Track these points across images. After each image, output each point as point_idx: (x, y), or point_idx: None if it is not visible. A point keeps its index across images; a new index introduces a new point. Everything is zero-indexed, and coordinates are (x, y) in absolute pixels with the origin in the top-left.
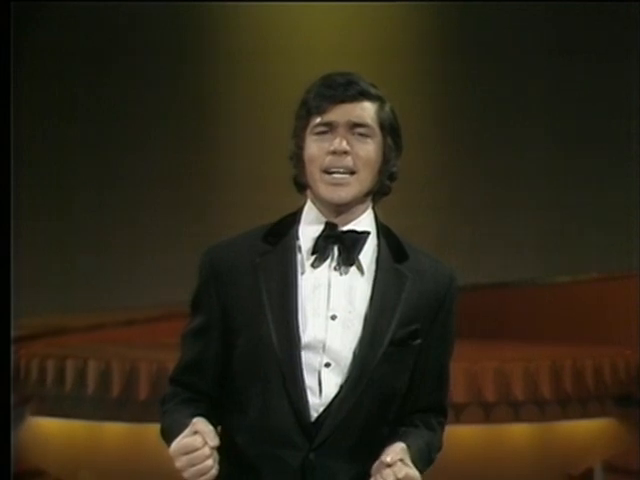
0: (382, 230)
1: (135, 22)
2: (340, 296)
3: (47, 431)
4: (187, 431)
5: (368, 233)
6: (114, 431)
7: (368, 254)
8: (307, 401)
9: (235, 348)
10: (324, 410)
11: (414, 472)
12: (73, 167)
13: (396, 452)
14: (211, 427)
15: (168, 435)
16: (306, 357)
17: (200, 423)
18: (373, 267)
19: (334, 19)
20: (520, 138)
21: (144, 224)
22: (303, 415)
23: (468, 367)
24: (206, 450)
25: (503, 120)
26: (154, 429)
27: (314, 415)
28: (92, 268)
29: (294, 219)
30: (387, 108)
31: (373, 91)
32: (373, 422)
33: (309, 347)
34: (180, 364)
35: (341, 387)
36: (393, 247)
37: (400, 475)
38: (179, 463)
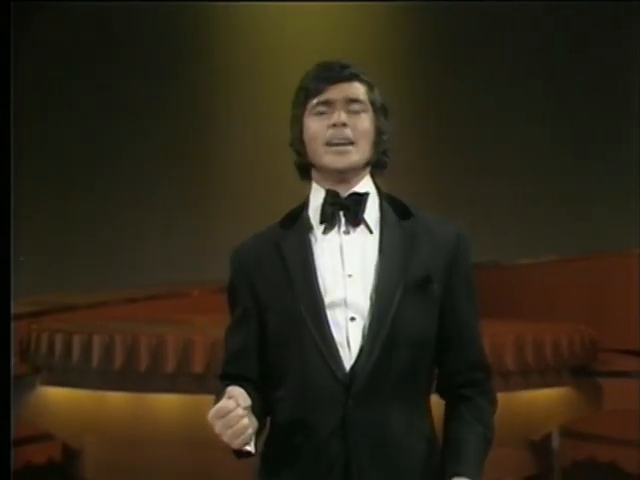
0: (384, 194)
1: (134, 22)
2: (353, 256)
3: (55, 399)
4: (223, 398)
5: (368, 193)
6: (116, 400)
7: (372, 214)
8: (339, 355)
9: (270, 323)
10: (355, 361)
11: None
12: (74, 157)
13: None
14: (243, 391)
15: None
16: (332, 315)
17: (233, 389)
18: (379, 225)
19: (327, 19)
20: (497, 129)
21: (144, 210)
22: (337, 368)
23: None
24: (239, 411)
25: (484, 112)
26: (154, 398)
27: (347, 367)
28: (94, 250)
29: (304, 205)
30: (376, 91)
31: (363, 76)
32: (406, 369)
33: (333, 305)
34: (225, 357)
35: (364, 336)
36: (396, 207)
37: None
38: (217, 428)
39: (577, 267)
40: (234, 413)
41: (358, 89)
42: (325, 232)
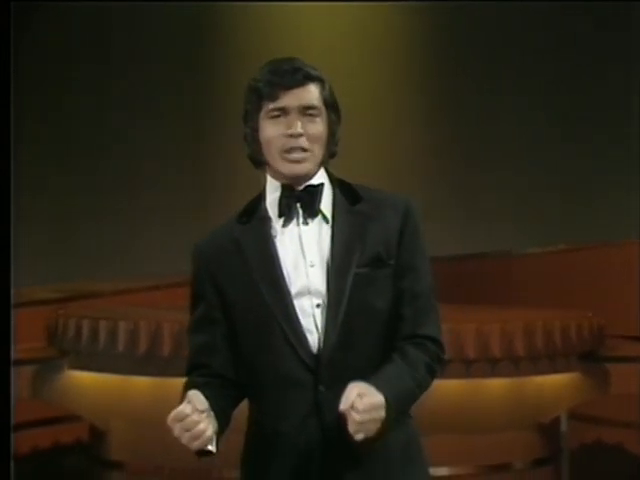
0: (336, 181)
1: (135, 22)
2: (312, 246)
3: (82, 383)
4: (183, 403)
5: (322, 184)
6: (141, 383)
7: (327, 204)
8: (307, 342)
9: (237, 319)
10: (320, 348)
11: (374, 399)
12: (75, 155)
13: (348, 397)
14: (202, 397)
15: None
16: (298, 304)
17: (192, 394)
18: (331, 213)
19: (334, 20)
20: (505, 125)
21: (159, 200)
22: (305, 356)
23: (451, 327)
24: (195, 416)
25: (494, 108)
26: (176, 382)
27: (315, 352)
28: (112, 241)
29: (259, 198)
30: (327, 87)
31: (314, 73)
32: (369, 346)
33: (298, 295)
34: (191, 353)
35: (326, 316)
36: (347, 193)
37: (361, 407)
38: (175, 431)
39: (585, 256)
40: (190, 418)
41: (312, 93)
42: (284, 225)
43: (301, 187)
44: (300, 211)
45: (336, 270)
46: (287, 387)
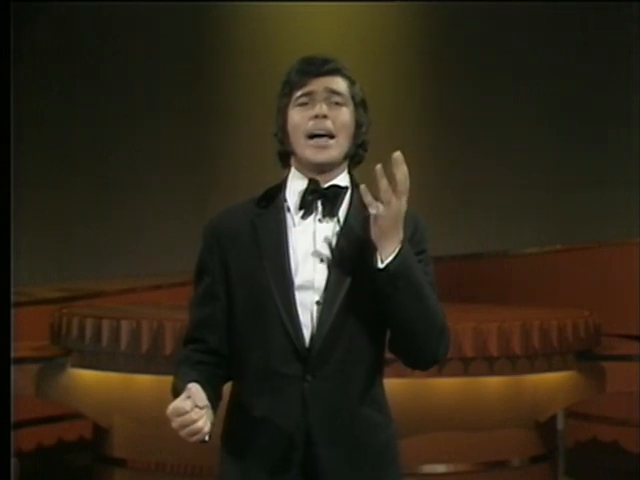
0: (356, 187)
1: (135, 22)
2: (324, 243)
3: (85, 381)
4: (182, 395)
5: (347, 187)
6: (143, 382)
7: (344, 207)
8: (302, 334)
9: (237, 300)
10: (312, 340)
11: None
12: (77, 157)
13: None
14: (202, 393)
15: (174, 397)
16: (300, 297)
17: (193, 388)
18: (345, 215)
19: (335, 19)
20: (500, 117)
21: (162, 200)
22: (299, 346)
23: (450, 327)
24: (193, 415)
25: (492, 108)
26: None
27: (307, 344)
28: (115, 240)
29: (281, 186)
30: (357, 87)
31: (345, 71)
32: (357, 342)
33: (301, 288)
34: (191, 325)
35: (321, 311)
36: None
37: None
38: (174, 424)
39: (581, 256)
40: (189, 416)
41: (339, 83)
42: (302, 218)
43: (326, 185)
44: (320, 208)
45: (337, 266)
46: (276, 375)
